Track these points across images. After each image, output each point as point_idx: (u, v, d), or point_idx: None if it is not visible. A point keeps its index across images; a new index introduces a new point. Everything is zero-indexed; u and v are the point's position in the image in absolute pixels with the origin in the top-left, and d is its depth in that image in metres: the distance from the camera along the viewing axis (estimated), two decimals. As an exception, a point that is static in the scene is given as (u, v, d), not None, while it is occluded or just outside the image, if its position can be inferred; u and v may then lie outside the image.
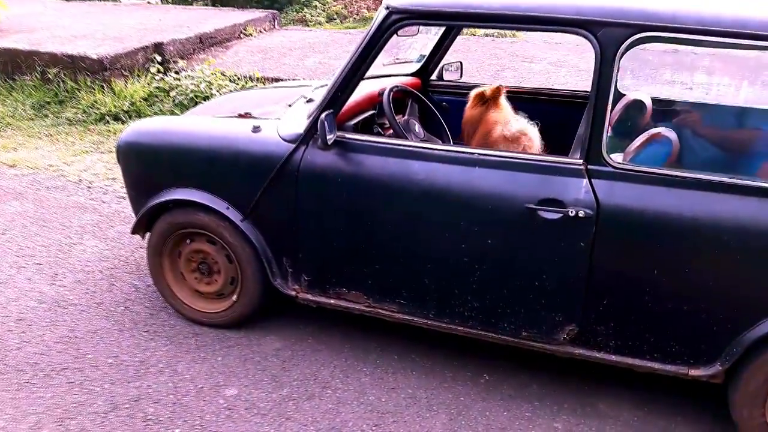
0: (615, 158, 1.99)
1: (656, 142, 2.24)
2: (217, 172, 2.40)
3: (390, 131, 2.54)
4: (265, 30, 7.34)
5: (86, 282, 2.98)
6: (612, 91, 1.91)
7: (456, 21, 2.27)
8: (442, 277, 2.21)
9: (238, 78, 5.44)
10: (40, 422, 2.17)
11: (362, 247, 2.27)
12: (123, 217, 3.58)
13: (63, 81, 5.45)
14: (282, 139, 2.30)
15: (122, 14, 7.51)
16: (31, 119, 5.24)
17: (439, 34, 3.06)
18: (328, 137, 2.16)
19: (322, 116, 2.16)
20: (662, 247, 1.93)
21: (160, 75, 5.50)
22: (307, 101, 2.57)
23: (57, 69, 5.47)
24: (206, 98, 4.94)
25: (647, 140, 2.22)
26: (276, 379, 2.38)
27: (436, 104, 2.97)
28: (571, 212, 1.96)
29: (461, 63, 3.24)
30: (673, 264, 1.94)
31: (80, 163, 4.38)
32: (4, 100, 5.51)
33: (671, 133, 2.24)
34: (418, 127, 2.68)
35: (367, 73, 2.21)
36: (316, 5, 9.92)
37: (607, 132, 1.94)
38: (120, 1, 8.85)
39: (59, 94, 5.45)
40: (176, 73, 5.54)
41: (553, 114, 2.78)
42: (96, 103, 5.18)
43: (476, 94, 2.71)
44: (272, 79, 5.34)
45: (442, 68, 3.15)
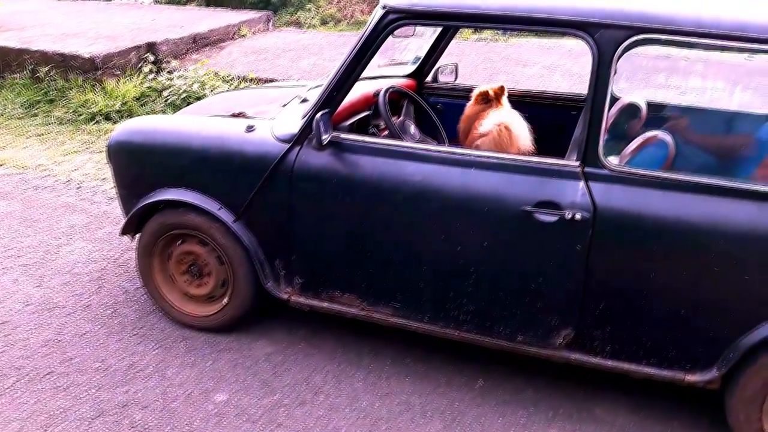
0: (611, 161, 1.97)
1: (652, 146, 2.23)
2: (209, 172, 2.36)
3: (385, 132, 2.51)
4: (259, 31, 7.31)
5: (74, 284, 2.93)
6: (609, 93, 1.90)
7: (453, 21, 2.25)
8: (437, 280, 2.18)
9: (232, 78, 5.41)
10: (24, 428, 2.12)
11: (356, 249, 2.24)
12: (112, 218, 3.53)
13: (54, 80, 5.39)
14: (276, 138, 2.27)
15: (115, 13, 7.46)
16: (21, 118, 5.18)
17: (435, 36, 3.04)
18: (323, 137, 2.13)
19: (318, 116, 2.13)
20: (659, 250, 1.92)
21: (153, 75, 5.46)
22: (302, 101, 2.54)
23: (48, 67, 5.41)
24: (199, 98, 4.90)
25: (643, 143, 2.21)
26: (267, 384, 2.34)
27: (431, 106, 2.95)
28: (568, 215, 1.94)
29: (456, 65, 3.23)
30: (670, 268, 1.92)
31: (70, 163, 4.33)
32: (-7, 99, 5.45)
33: (667, 137, 2.23)
34: (413, 128, 2.66)
35: (363, 74, 2.19)
36: (310, 8, 9.91)
37: (604, 134, 1.92)
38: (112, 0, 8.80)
39: (50, 93, 5.39)
40: (169, 73, 5.50)
41: (547, 117, 2.77)
42: (87, 102, 5.13)
43: (479, 92, 2.69)
44: (266, 80, 5.32)
45: (437, 70, 3.14)
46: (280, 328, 2.63)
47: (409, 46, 3.20)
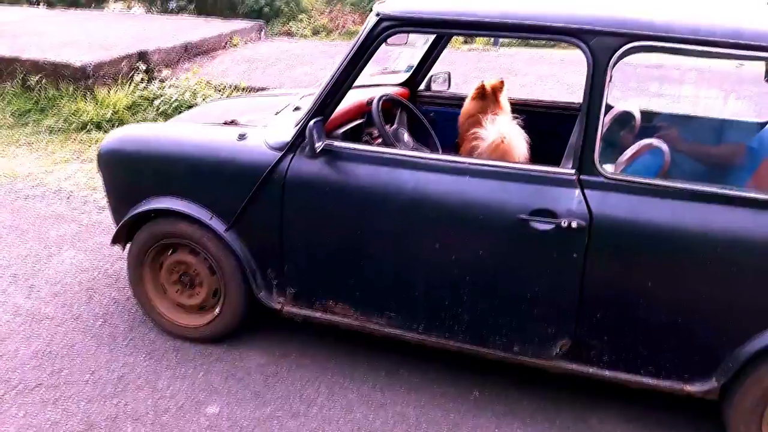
0: (607, 169, 1.96)
1: (648, 153, 2.22)
2: (201, 181, 2.33)
3: (379, 140, 2.50)
4: (251, 41, 7.30)
5: (64, 294, 2.88)
6: (605, 100, 1.89)
7: (447, 29, 2.24)
8: (432, 289, 2.15)
9: (224, 87, 5.39)
10: (11, 442, 2.07)
11: (350, 258, 2.22)
12: (103, 227, 3.49)
13: (45, 88, 5.35)
14: (269, 146, 2.25)
15: (107, 22, 7.43)
16: (11, 127, 5.13)
17: (428, 44, 3.04)
18: (316, 145, 2.11)
19: (311, 123, 2.11)
20: (656, 258, 1.90)
21: (144, 84, 5.42)
22: (294, 109, 2.52)
23: (39, 76, 5.37)
24: (190, 107, 4.87)
25: (639, 151, 2.20)
26: (259, 396, 2.30)
27: (424, 114, 2.95)
28: (564, 223, 1.92)
29: (449, 74, 3.23)
30: (667, 276, 1.91)
31: (60, 172, 4.28)
32: (-17, 108, 5.40)
33: (663, 145, 2.22)
34: (407, 136, 2.65)
35: (356, 83, 2.17)
36: (302, 18, 9.93)
37: (600, 142, 1.91)
38: (104, 9, 8.77)
39: (40, 102, 5.34)
40: (161, 81, 5.47)
41: (543, 125, 2.76)
42: (78, 111, 5.09)
43: (479, 86, 2.68)
44: (258, 88, 5.30)
45: (430, 79, 3.13)
46: (273, 338, 2.59)
47: (402, 55, 3.20)
